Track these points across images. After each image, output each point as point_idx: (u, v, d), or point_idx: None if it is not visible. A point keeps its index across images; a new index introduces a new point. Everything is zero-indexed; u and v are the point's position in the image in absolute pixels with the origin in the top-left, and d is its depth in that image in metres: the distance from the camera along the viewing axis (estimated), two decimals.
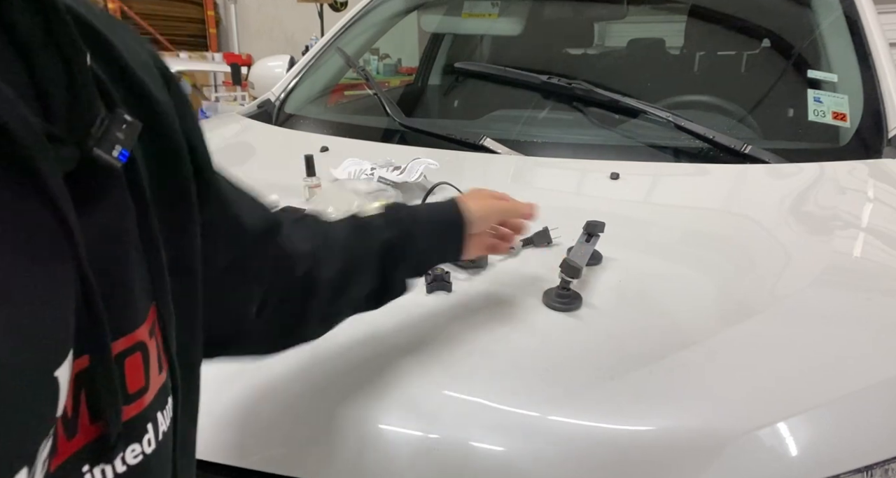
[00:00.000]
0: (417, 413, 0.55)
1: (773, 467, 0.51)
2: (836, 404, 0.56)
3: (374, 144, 1.24)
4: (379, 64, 3.51)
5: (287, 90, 1.59)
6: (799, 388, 0.57)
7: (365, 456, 0.53)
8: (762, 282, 0.74)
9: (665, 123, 1.17)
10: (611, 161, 1.09)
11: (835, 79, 1.24)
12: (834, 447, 0.54)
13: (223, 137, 1.37)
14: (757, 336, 0.64)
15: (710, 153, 1.11)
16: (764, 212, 0.92)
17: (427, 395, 0.57)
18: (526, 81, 1.34)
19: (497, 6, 1.72)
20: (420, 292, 0.71)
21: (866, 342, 0.64)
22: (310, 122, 1.43)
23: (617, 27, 2.00)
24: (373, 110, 1.39)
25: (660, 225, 0.91)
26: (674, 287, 0.73)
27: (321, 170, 1.02)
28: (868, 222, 0.90)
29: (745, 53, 1.55)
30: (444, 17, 1.94)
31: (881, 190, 1.01)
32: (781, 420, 0.53)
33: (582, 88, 1.26)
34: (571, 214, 0.84)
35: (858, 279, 0.76)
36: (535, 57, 1.66)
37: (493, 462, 0.52)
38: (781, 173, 1.06)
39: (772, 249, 0.83)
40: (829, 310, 0.69)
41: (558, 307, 0.68)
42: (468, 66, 1.59)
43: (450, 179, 0.95)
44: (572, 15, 1.85)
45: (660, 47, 1.72)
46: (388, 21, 1.83)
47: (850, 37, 1.31)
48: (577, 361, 0.60)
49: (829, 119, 1.17)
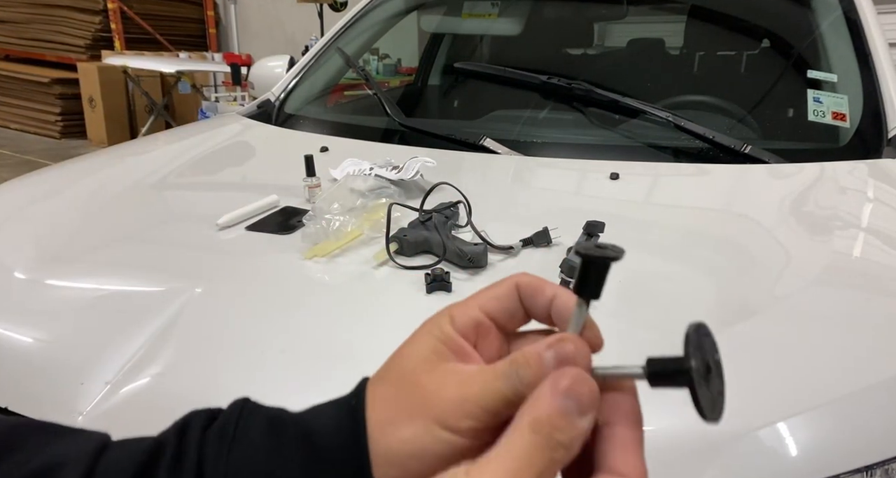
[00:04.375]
0: None
1: (773, 468, 0.51)
2: (837, 404, 0.56)
3: (373, 145, 1.24)
4: (379, 64, 3.51)
5: (287, 90, 1.59)
6: (799, 388, 0.57)
7: None
8: (762, 282, 0.74)
9: (665, 123, 1.17)
10: (611, 161, 1.09)
11: (834, 79, 1.24)
12: (834, 447, 0.53)
13: (223, 137, 1.37)
14: (757, 336, 0.63)
15: (710, 153, 1.11)
16: (764, 212, 0.92)
17: None
18: (526, 81, 1.34)
19: (497, 6, 1.72)
20: (420, 292, 0.71)
21: (866, 342, 0.64)
22: (309, 122, 1.43)
23: (617, 27, 2.00)
24: (372, 110, 1.39)
25: (660, 225, 0.91)
26: (674, 287, 0.73)
27: (321, 170, 1.02)
28: (868, 222, 0.90)
29: (745, 53, 1.55)
30: (443, 18, 1.94)
31: (881, 190, 1.01)
32: (781, 420, 0.53)
33: (582, 88, 1.26)
34: (571, 214, 0.84)
35: (858, 279, 0.76)
36: (535, 57, 1.66)
37: None
38: (781, 173, 1.06)
39: (772, 249, 0.83)
40: (828, 310, 0.69)
41: None
42: (468, 66, 1.59)
43: (449, 180, 0.95)
44: (572, 15, 1.85)
45: (660, 47, 1.72)
46: (388, 21, 1.83)
47: (849, 37, 1.31)
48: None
49: (829, 119, 1.17)
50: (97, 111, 5.34)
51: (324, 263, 0.78)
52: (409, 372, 0.28)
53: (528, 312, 0.30)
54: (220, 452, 0.28)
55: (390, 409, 0.27)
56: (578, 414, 0.24)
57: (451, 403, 0.26)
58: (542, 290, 0.29)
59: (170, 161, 1.20)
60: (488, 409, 0.25)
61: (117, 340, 0.64)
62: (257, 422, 0.29)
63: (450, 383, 0.27)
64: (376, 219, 0.85)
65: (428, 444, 0.26)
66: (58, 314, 0.70)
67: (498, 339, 0.30)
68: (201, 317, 0.68)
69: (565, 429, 0.23)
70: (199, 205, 1.02)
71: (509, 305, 0.30)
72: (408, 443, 0.26)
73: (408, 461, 0.26)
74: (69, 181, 1.12)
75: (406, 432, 0.26)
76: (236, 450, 0.28)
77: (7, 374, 0.65)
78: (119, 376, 0.60)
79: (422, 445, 0.26)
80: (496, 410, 0.25)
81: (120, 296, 0.74)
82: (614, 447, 0.25)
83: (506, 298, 0.30)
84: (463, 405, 0.26)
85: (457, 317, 0.29)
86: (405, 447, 0.26)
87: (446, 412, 0.26)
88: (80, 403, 0.58)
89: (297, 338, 0.64)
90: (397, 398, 0.27)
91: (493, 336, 0.30)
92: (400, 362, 0.29)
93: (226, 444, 0.28)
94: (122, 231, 0.90)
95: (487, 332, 0.30)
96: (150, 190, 1.07)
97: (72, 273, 0.78)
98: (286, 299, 0.72)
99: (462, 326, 0.29)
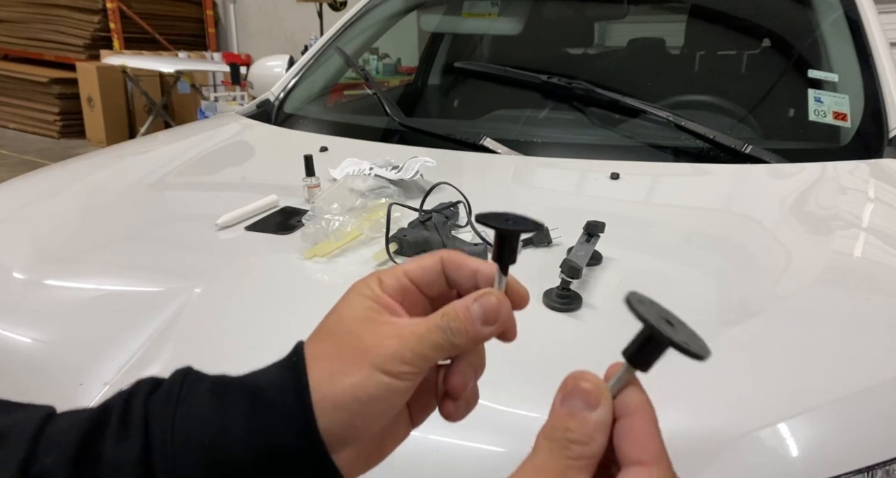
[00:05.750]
0: None
1: (774, 468, 0.51)
2: (838, 405, 0.55)
3: (373, 144, 1.24)
4: (378, 64, 3.51)
5: (286, 90, 1.59)
6: (800, 388, 0.57)
7: None
8: (763, 282, 0.74)
9: (665, 123, 1.17)
10: (611, 161, 1.09)
11: (835, 78, 1.24)
12: (835, 448, 0.53)
13: (222, 137, 1.37)
14: (757, 336, 0.63)
15: (711, 153, 1.11)
16: (765, 212, 0.92)
17: None
18: (526, 81, 1.34)
19: (497, 6, 1.72)
20: None
21: (867, 343, 0.63)
22: (309, 122, 1.43)
23: (617, 27, 2.00)
24: (372, 110, 1.39)
25: (660, 225, 0.90)
26: (674, 287, 0.73)
27: (320, 170, 1.02)
28: (869, 222, 0.90)
29: (746, 53, 1.55)
30: (443, 17, 1.93)
31: (882, 190, 1.01)
32: (782, 421, 0.53)
33: (582, 88, 1.26)
34: (571, 214, 0.84)
35: (859, 279, 0.76)
36: (535, 57, 1.66)
37: (494, 463, 0.52)
38: (782, 173, 1.06)
39: (773, 249, 0.83)
40: (830, 310, 0.69)
41: (558, 307, 0.67)
42: (468, 65, 1.59)
43: (449, 180, 0.95)
44: (572, 14, 1.85)
45: (660, 47, 1.71)
46: (388, 20, 1.83)
47: (850, 36, 1.30)
48: (578, 361, 0.60)
49: (830, 119, 1.17)
50: (96, 111, 5.34)
51: (323, 264, 0.78)
52: (347, 328, 0.31)
53: (453, 285, 0.34)
54: (166, 414, 0.28)
55: (333, 362, 0.30)
56: (587, 409, 0.26)
57: (391, 351, 0.29)
58: (466, 264, 0.33)
59: (169, 161, 1.20)
60: (423, 356, 0.29)
61: (116, 341, 0.64)
62: (201, 384, 0.30)
63: (387, 335, 0.30)
64: (376, 219, 0.84)
65: (371, 388, 0.29)
66: (56, 314, 0.70)
67: (422, 301, 0.34)
68: (200, 317, 0.68)
69: (577, 428, 0.26)
70: (198, 205, 1.01)
71: (432, 276, 0.33)
72: (352, 388, 0.29)
73: (351, 404, 0.29)
74: (68, 181, 1.11)
75: (350, 379, 0.29)
76: (182, 410, 0.28)
77: (6, 374, 0.64)
78: (118, 377, 0.60)
79: (366, 390, 0.29)
80: (430, 356, 0.30)
81: (119, 296, 0.74)
82: (632, 440, 0.26)
83: (430, 269, 0.33)
84: (402, 353, 0.29)
85: (385, 280, 0.33)
86: (349, 392, 0.29)
87: (386, 360, 0.29)
88: (79, 403, 0.58)
89: (296, 338, 0.63)
90: (340, 352, 0.30)
91: (417, 298, 0.33)
92: (338, 321, 0.32)
93: (171, 405, 0.29)
94: (121, 231, 0.89)
95: (412, 295, 0.33)
96: (149, 190, 1.06)
97: (71, 273, 0.78)
98: (285, 300, 0.71)
99: (389, 288, 0.32)
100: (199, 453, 0.28)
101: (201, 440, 0.28)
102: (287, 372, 0.30)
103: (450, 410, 0.34)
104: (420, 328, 0.30)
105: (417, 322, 0.30)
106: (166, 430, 0.28)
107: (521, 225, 0.30)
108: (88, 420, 0.28)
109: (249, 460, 0.28)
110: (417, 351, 0.29)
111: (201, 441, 0.28)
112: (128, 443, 0.27)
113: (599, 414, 0.26)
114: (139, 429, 0.28)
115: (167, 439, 0.28)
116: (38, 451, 0.27)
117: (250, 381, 0.30)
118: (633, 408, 0.26)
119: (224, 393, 0.30)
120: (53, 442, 0.27)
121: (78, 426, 0.28)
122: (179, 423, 0.28)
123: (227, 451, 0.28)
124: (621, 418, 0.26)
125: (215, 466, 0.28)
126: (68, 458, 0.27)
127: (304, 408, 0.29)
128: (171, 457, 0.27)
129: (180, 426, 0.28)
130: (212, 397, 0.29)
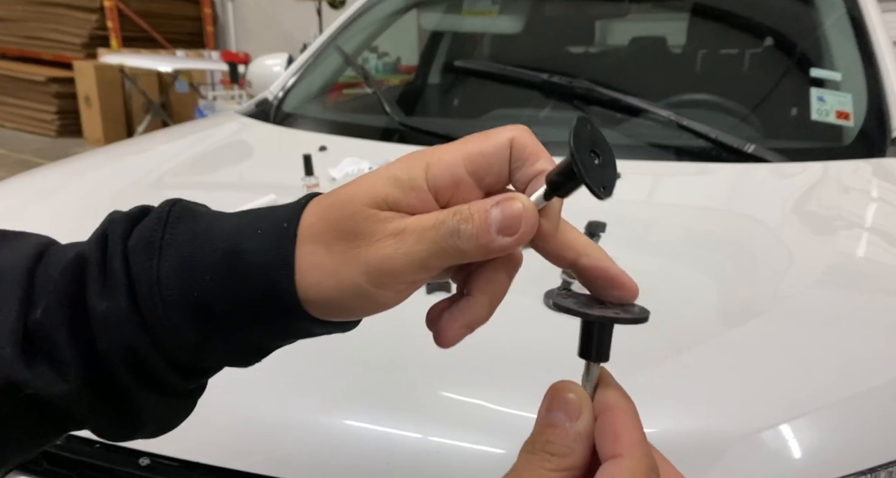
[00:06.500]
0: (417, 415, 0.55)
1: (775, 470, 0.51)
2: (840, 406, 0.55)
3: (372, 143, 1.23)
4: (378, 62, 3.50)
5: (285, 89, 1.58)
6: (802, 389, 0.57)
7: (364, 458, 0.53)
8: (765, 282, 0.74)
9: (667, 122, 1.16)
10: None
11: (838, 77, 1.24)
12: (838, 450, 0.53)
13: (221, 136, 1.36)
14: (760, 337, 0.63)
15: (713, 152, 1.11)
16: (767, 212, 0.91)
17: (427, 396, 0.56)
18: (526, 80, 1.33)
19: (497, 4, 1.72)
20: (420, 292, 0.70)
21: (870, 343, 0.63)
22: (308, 121, 1.43)
23: (618, 25, 1.99)
24: (372, 109, 1.38)
25: (662, 225, 0.90)
26: (676, 288, 0.73)
27: (319, 169, 1.01)
28: (872, 222, 0.90)
29: (748, 52, 1.54)
30: (443, 15, 1.93)
31: (885, 189, 1.01)
32: (784, 422, 0.53)
33: (583, 87, 1.25)
34: (572, 214, 0.84)
35: (862, 280, 0.76)
36: (536, 55, 1.65)
37: (494, 463, 0.51)
38: (784, 173, 1.06)
39: (775, 249, 0.82)
40: (832, 311, 0.69)
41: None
42: (468, 64, 1.58)
43: None
44: (573, 13, 1.84)
45: (662, 46, 1.71)
46: (388, 19, 1.82)
47: (853, 35, 1.30)
48: (578, 361, 0.59)
49: (833, 118, 1.17)
50: (93, 110, 5.32)
51: None
52: (350, 212, 0.26)
53: (510, 176, 0.27)
54: (150, 268, 0.27)
55: (320, 253, 0.26)
56: (569, 420, 0.25)
57: (382, 255, 0.25)
58: (536, 153, 0.26)
59: (167, 160, 1.19)
60: (422, 263, 0.25)
61: None
62: (184, 232, 0.28)
63: (388, 232, 0.25)
64: None
65: (354, 298, 0.26)
66: None
67: (476, 195, 0.27)
68: None
69: (557, 439, 0.24)
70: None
71: (496, 165, 0.26)
72: (338, 294, 0.26)
73: (337, 306, 0.26)
74: (65, 180, 1.11)
75: (336, 283, 0.26)
76: (166, 265, 0.27)
77: None
78: None
79: (349, 296, 0.26)
80: (429, 264, 0.25)
81: None
82: (608, 435, 0.25)
83: (494, 156, 0.26)
84: (394, 259, 0.25)
85: (434, 169, 0.26)
86: (336, 299, 0.26)
87: (374, 268, 0.25)
88: None
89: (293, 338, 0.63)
90: (330, 240, 0.26)
91: (469, 190, 0.26)
92: (349, 197, 0.26)
93: (154, 257, 0.27)
94: None
95: (465, 187, 0.26)
96: (147, 189, 1.06)
97: None
98: None
99: (437, 181, 0.26)
100: (188, 305, 0.27)
101: (187, 295, 0.27)
102: (273, 253, 0.26)
103: (447, 336, 0.29)
104: (426, 223, 0.25)
105: (421, 222, 0.25)
106: (152, 287, 0.27)
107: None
108: (72, 269, 0.28)
109: (232, 311, 0.27)
110: (415, 257, 0.25)
111: (188, 296, 0.27)
112: (113, 299, 0.27)
113: (580, 425, 0.25)
114: (122, 284, 0.27)
115: (154, 290, 0.27)
116: (33, 295, 0.27)
117: (233, 241, 0.27)
118: (609, 404, 0.25)
119: (202, 246, 0.27)
120: (44, 291, 0.28)
121: (65, 271, 0.28)
122: (165, 277, 0.27)
123: (210, 308, 0.27)
124: (599, 417, 0.25)
125: (203, 318, 0.27)
126: (63, 313, 0.27)
127: (290, 294, 0.26)
128: (162, 306, 0.27)
129: (166, 282, 0.27)
130: (193, 249, 0.27)
